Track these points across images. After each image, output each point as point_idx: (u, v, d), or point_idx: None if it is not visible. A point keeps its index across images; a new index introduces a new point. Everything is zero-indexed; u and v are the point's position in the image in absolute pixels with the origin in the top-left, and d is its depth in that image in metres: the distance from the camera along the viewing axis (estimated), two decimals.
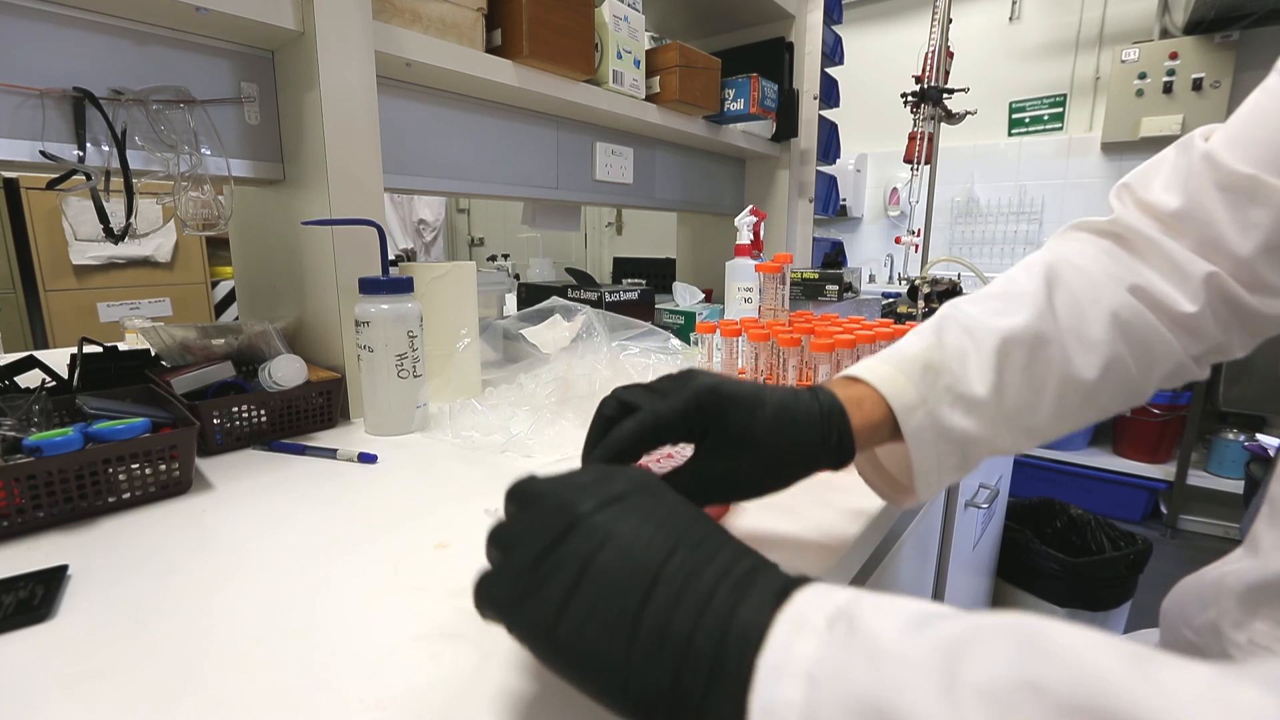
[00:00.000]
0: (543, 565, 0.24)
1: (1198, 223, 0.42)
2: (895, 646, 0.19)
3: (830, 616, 0.21)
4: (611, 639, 0.22)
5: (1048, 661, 0.17)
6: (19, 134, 0.58)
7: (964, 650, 0.18)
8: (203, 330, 0.71)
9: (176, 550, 0.43)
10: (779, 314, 0.86)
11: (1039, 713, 0.16)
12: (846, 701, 0.19)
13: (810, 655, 0.20)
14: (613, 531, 0.25)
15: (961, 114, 1.94)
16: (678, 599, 0.23)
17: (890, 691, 0.18)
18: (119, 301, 2.38)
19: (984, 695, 0.17)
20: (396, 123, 0.84)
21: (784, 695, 0.20)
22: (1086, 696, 0.16)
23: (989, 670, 0.17)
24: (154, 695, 0.30)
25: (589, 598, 0.23)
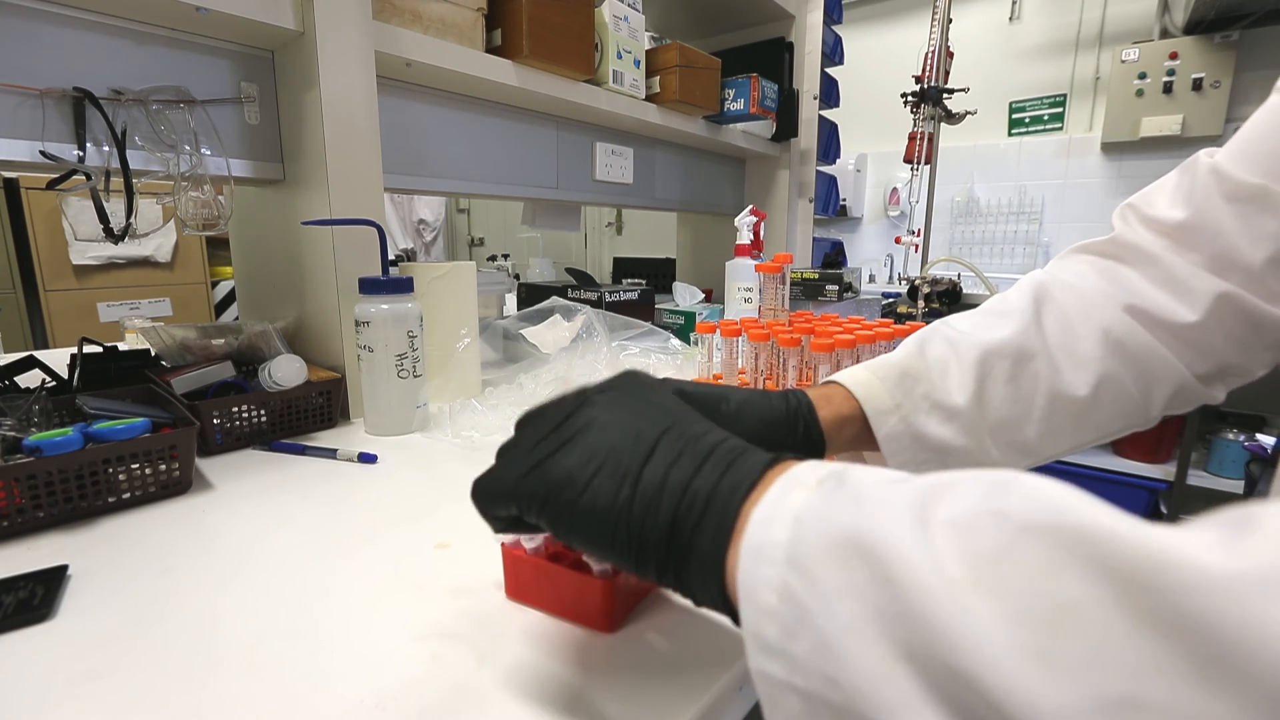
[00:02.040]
0: (554, 435, 0.27)
1: (1207, 235, 0.41)
2: (876, 492, 0.21)
3: (821, 477, 0.23)
4: (616, 492, 0.25)
5: (1011, 496, 0.18)
6: (19, 134, 0.58)
7: (938, 493, 0.20)
8: (203, 330, 0.71)
9: (176, 550, 0.43)
10: (779, 314, 0.86)
11: (999, 533, 0.18)
12: (827, 536, 0.20)
13: (799, 503, 0.22)
14: (616, 407, 0.28)
15: (961, 114, 1.94)
16: (677, 458, 0.25)
17: (868, 524, 0.20)
18: (119, 301, 2.38)
19: (951, 524, 0.19)
20: (396, 123, 0.84)
21: (771, 536, 0.21)
22: (1045, 518, 0.17)
23: (958, 505, 0.19)
24: (154, 695, 0.30)
25: (595, 458, 0.26)
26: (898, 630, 0.18)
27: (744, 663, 0.32)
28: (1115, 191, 2.73)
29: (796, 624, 0.20)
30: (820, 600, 0.20)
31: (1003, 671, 0.16)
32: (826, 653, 0.19)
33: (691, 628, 0.35)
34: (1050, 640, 0.16)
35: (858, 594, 0.19)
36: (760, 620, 0.21)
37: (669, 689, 0.30)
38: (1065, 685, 0.15)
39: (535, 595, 0.36)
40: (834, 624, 0.19)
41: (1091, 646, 0.15)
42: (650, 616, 0.35)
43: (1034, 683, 0.15)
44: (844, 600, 0.19)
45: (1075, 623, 0.16)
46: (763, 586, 0.21)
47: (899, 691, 0.18)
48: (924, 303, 1.49)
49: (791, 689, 0.20)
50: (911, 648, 0.18)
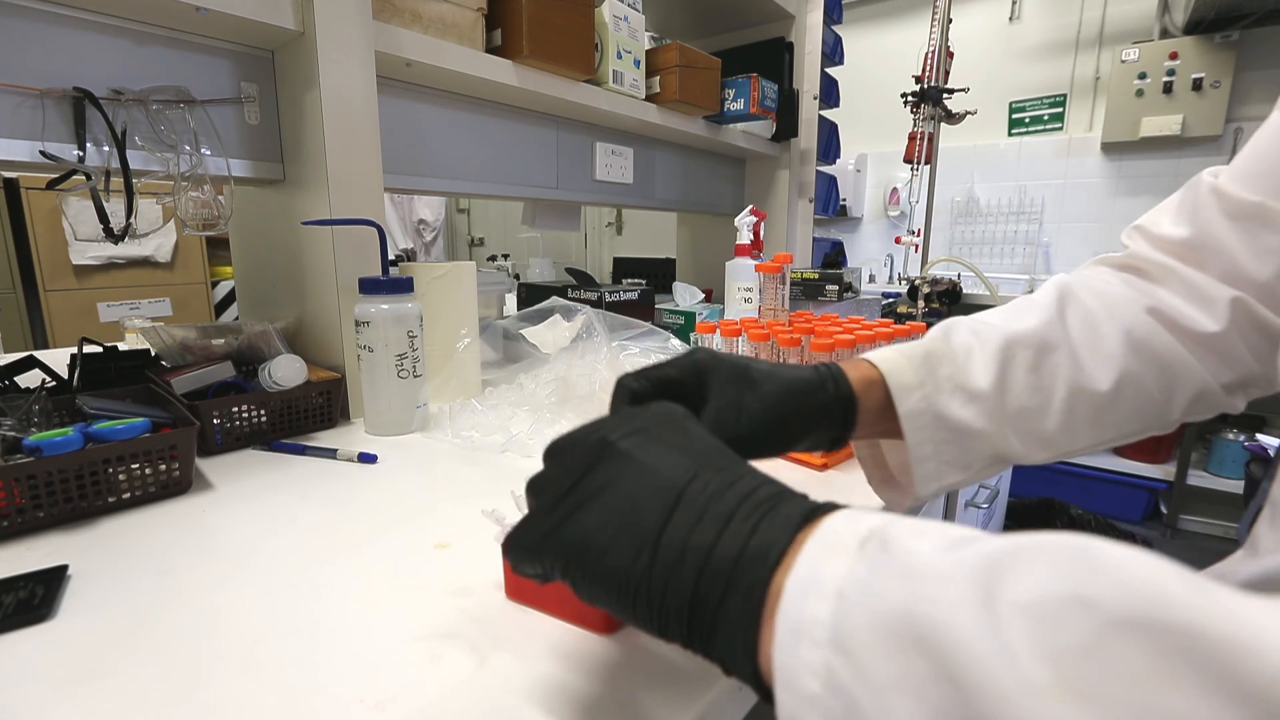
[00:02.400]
0: (572, 494, 0.25)
1: (1211, 252, 0.42)
2: (931, 562, 0.18)
3: (862, 537, 0.20)
4: (634, 559, 0.23)
5: (1097, 576, 0.16)
6: (19, 134, 0.58)
7: (1005, 566, 0.17)
8: (203, 330, 0.71)
9: (176, 550, 0.43)
10: (779, 314, 0.86)
11: (1088, 627, 0.15)
12: (878, 617, 0.18)
13: (841, 574, 0.19)
14: (637, 457, 0.25)
15: (961, 114, 1.94)
16: (700, 517, 0.23)
17: (925, 605, 0.17)
18: (119, 301, 2.38)
19: (1026, 610, 0.16)
20: (396, 123, 0.84)
21: (812, 613, 0.19)
22: (1142, 610, 0.15)
23: (1032, 585, 0.16)
24: (154, 695, 0.30)
25: (612, 520, 0.24)
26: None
27: None
28: (1115, 191, 2.73)
29: (845, 716, 0.18)
30: (872, 694, 0.17)
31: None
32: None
33: None
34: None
35: (916, 692, 0.17)
36: (801, 708, 0.19)
37: (669, 690, 0.30)
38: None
39: (534, 596, 0.36)
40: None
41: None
42: None
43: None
44: (900, 697, 0.17)
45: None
46: (804, 670, 0.19)
47: None
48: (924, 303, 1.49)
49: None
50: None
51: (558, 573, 0.25)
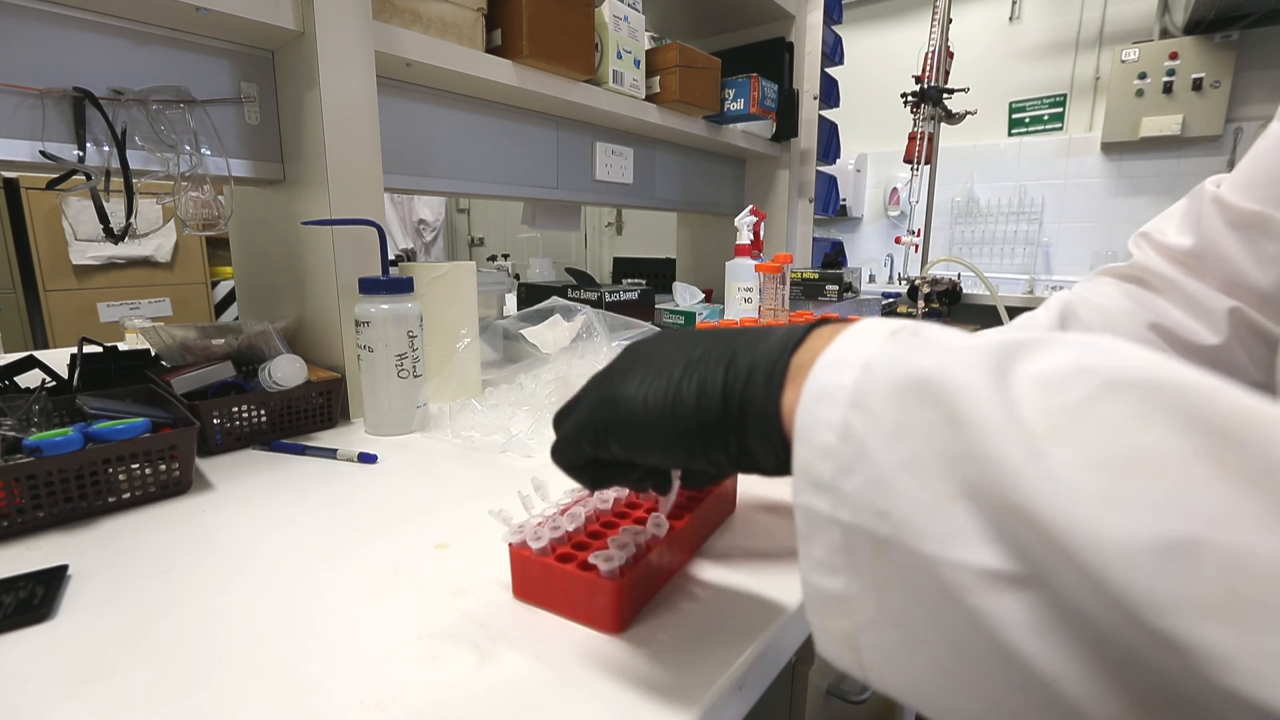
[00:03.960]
0: (607, 378, 0.30)
1: (1214, 260, 0.43)
2: (955, 341, 0.20)
3: (894, 329, 0.22)
4: (667, 390, 0.27)
5: (1107, 354, 0.18)
6: (19, 134, 0.58)
7: (1027, 347, 0.19)
8: (203, 330, 0.71)
9: (176, 550, 0.43)
10: (779, 314, 0.86)
11: (1086, 386, 0.17)
12: (899, 379, 0.20)
13: (871, 350, 0.21)
14: (654, 342, 0.30)
15: (961, 114, 1.94)
16: (712, 347, 0.27)
17: (945, 369, 0.19)
18: (119, 301, 2.38)
19: (1035, 377, 0.18)
20: (396, 123, 0.84)
21: (837, 380, 0.21)
22: (1136, 373, 0.17)
23: (1046, 360, 0.18)
24: (154, 695, 0.30)
25: (645, 376, 0.28)
26: (961, 469, 0.18)
27: (745, 662, 0.32)
28: (1115, 191, 2.73)
29: (853, 461, 0.20)
30: (881, 438, 0.20)
31: (1067, 509, 0.16)
32: (880, 486, 0.19)
33: (695, 628, 0.35)
34: (1123, 484, 0.16)
35: (923, 434, 0.19)
36: (814, 459, 0.21)
37: (670, 690, 0.30)
38: (1129, 523, 0.15)
39: (542, 595, 0.36)
40: (891, 458, 0.19)
41: (1166, 492, 0.15)
42: (657, 616, 0.35)
43: (1097, 519, 0.15)
44: (906, 439, 0.19)
45: (1153, 469, 0.15)
46: (822, 426, 0.21)
47: (952, 523, 0.18)
48: (924, 303, 1.49)
49: (835, 522, 0.21)
50: (972, 485, 0.18)
51: (604, 437, 0.29)
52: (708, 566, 0.41)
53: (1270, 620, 0.14)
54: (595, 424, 0.29)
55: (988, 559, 0.17)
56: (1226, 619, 0.14)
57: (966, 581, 0.18)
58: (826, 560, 0.21)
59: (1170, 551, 0.15)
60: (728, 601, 0.37)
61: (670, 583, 0.39)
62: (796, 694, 0.47)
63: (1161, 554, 0.15)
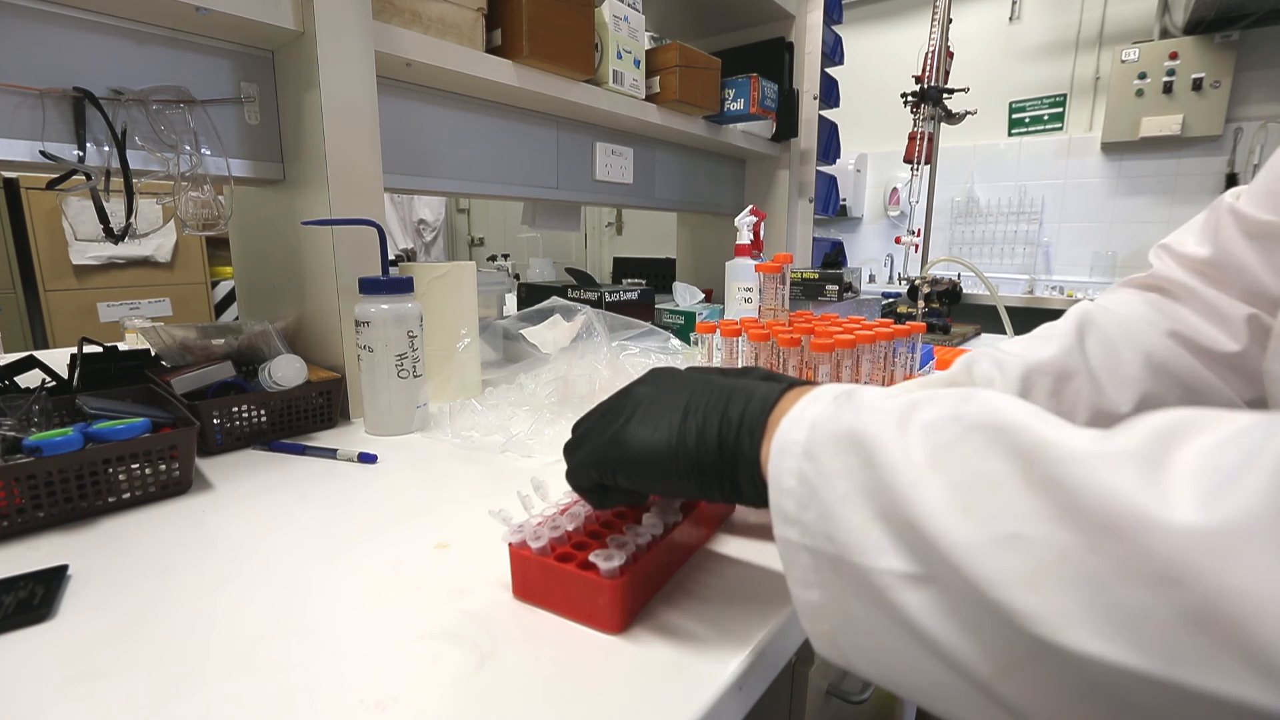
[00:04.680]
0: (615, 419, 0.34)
1: (1232, 270, 0.44)
2: (876, 404, 0.27)
3: (836, 394, 0.29)
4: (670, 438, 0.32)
5: (970, 404, 0.24)
6: (19, 134, 0.58)
7: (921, 404, 0.25)
8: (203, 330, 0.71)
9: (176, 550, 0.43)
10: (779, 314, 0.86)
11: (955, 431, 0.23)
12: (833, 434, 0.26)
13: (816, 412, 0.28)
14: (653, 386, 0.35)
15: (961, 114, 1.94)
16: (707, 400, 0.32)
17: (863, 425, 0.26)
18: (119, 301, 2.38)
19: (923, 425, 0.24)
20: (396, 123, 0.84)
21: (793, 437, 0.28)
22: (987, 419, 0.23)
23: (932, 412, 0.25)
24: (154, 695, 0.30)
25: (649, 421, 0.33)
26: (876, 499, 0.24)
27: (745, 662, 0.32)
28: (1115, 191, 2.73)
29: (808, 498, 0.26)
30: (825, 480, 0.26)
31: (938, 520, 0.22)
32: (827, 518, 0.25)
33: (695, 628, 0.35)
34: (972, 499, 0.22)
35: (851, 475, 0.25)
36: (782, 498, 0.27)
37: (670, 690, 0.30)
38: (976, 527, 0.21)
39: (542, 595, 0.36)
40: (832, 496, 0.25)
41: (998, 502, 0.21)
42: (657, 616, 0.35)
43: (956, 525, 0.21)
44: (841, 479, 0.25)
45: (990, 487, 0.21)
46: (785, 473, 0.27)
47: (874, 540, 0.24)
48: (924, 303, 1.49)
49: (804, 548, 0.26)
50: (883, 509, 0.24)
51: (615, 472, 0.34)
52: (707, 567, 0.41)
53: (1055, 585, 0.19)
54: (605, 461, 0.34)
55: (899, 564, 0.23)
56: (1034, 588, 0.19)
57: (889, 583, 0.23)
58: (803, 578, 0.27)
59: (1000, 544, 0.20)
60: (727, 601, 0.37)
61: (670, 582, 0.39)
62: (796, 694, 0.47)
63: (995, 546, 0.20)
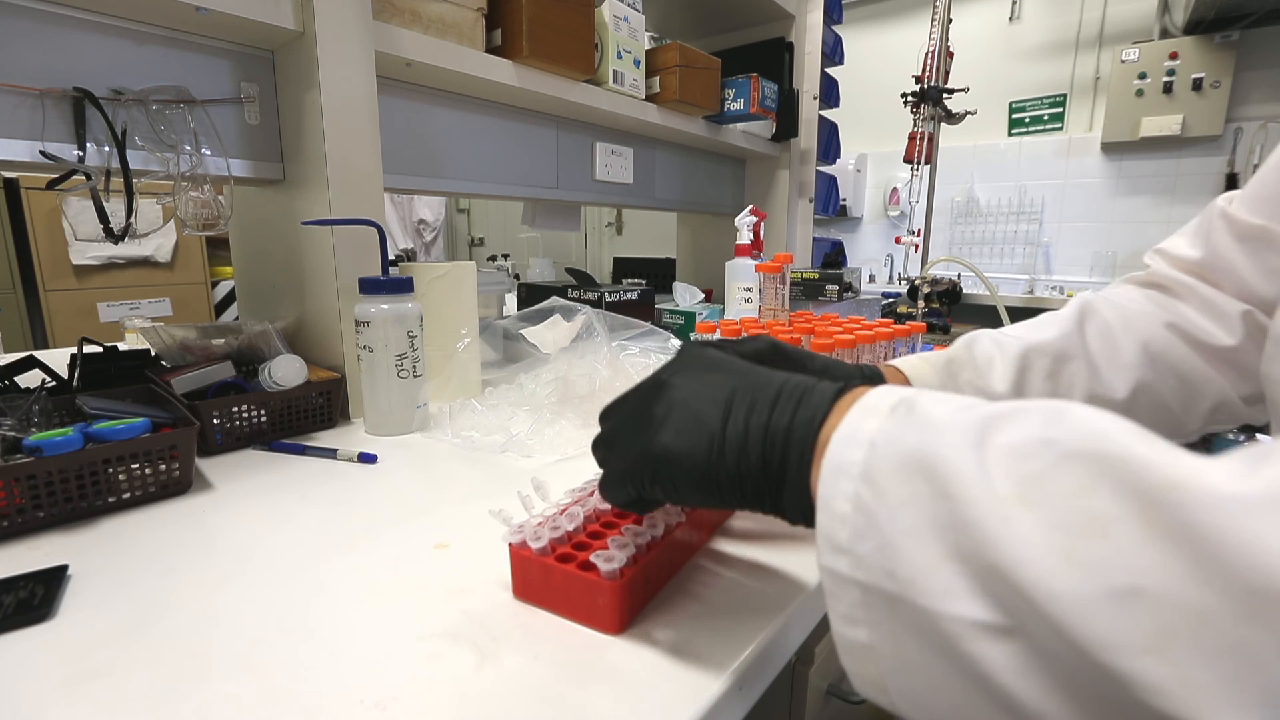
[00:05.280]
0: (647, 424, 0.31)
1: (1223, 272, 0.45)
2: (944, 419, 0.23)
3: (893, 404, 0.26)
4: (709, 453, 0.29)
5: (1063, 426, 0.21)
6: (19, 134, 0.58)
7: (999, 421, 0.22)
8: (203, 330, 0.71)
9: (176, 550, 0.43)
10: (779, 314, 0.86)
11: (1047, 458, 0.20)
12: (897, 457, 0.23)
13: (874, 428, 0.25)
14: (688, 383, 0.31)
15: (961, 114, 1.94)
16: (751, 408, 0.29)
17: (932, 447, 0.23)
18: (119, 301, 2.38)
19: (1006, 449, 0.21)
20: (396, 123, 0.84)
21: (849, 457, 0.25)
22: (1088, 445, 0.20)
23: (1015, 432, 0.22)
24: (154, 695, 0.30)
25: (684, 430, 0.30)
26: (950, 535, 0.21)
27: (745, 662, 0.32)
28: (1115, 191, 2.73)
29: (865, 528, 0.23)
30: (887, 509, 0.23)
31: (1033, 567, 0.19)
32: (888, 551, 0.23)
33: (696, 628, 0.35)
34: (1077, 544, 0.19)
35: (919, 505, 0.22)
36: (833, 525, 0.24)
37: (671, 690, 0.30)
38: (1083, 577, 0.18)
39: (542, 595, 0.36)
40: (896, 528, 0.22)
41: (1110, 550, 0.18)
42: (657, 616, 0.35)
43: (1057, 574, 0.18)
44: (907, 510, 0.22)
45: (1101, 531, 0.18)
46: (840, 498, 0.24)
47: (946, 582, 0.21)
48: (924, 303, 1.49)
49: (854, 582, 0.24)
50: (960, 548, 0.21)
51: (649, 489, 0.31)
52: (708, 567, 0.41)
53: (1190, 655, 0.16)
54: (639, 477, 0.31)
55: (977, 612, 0.20)
56: (1159, 655, 0.17)
57: (962, 631, 0.21)
58: (849, 614, 0.24)
59: (1114, 601, 0.18)
60: (728, 602, 0.37)
61: (670, 583, 0.39)
62: (796, 694, 0.47)
63: (1108, 603, 0.18)
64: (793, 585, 0.39)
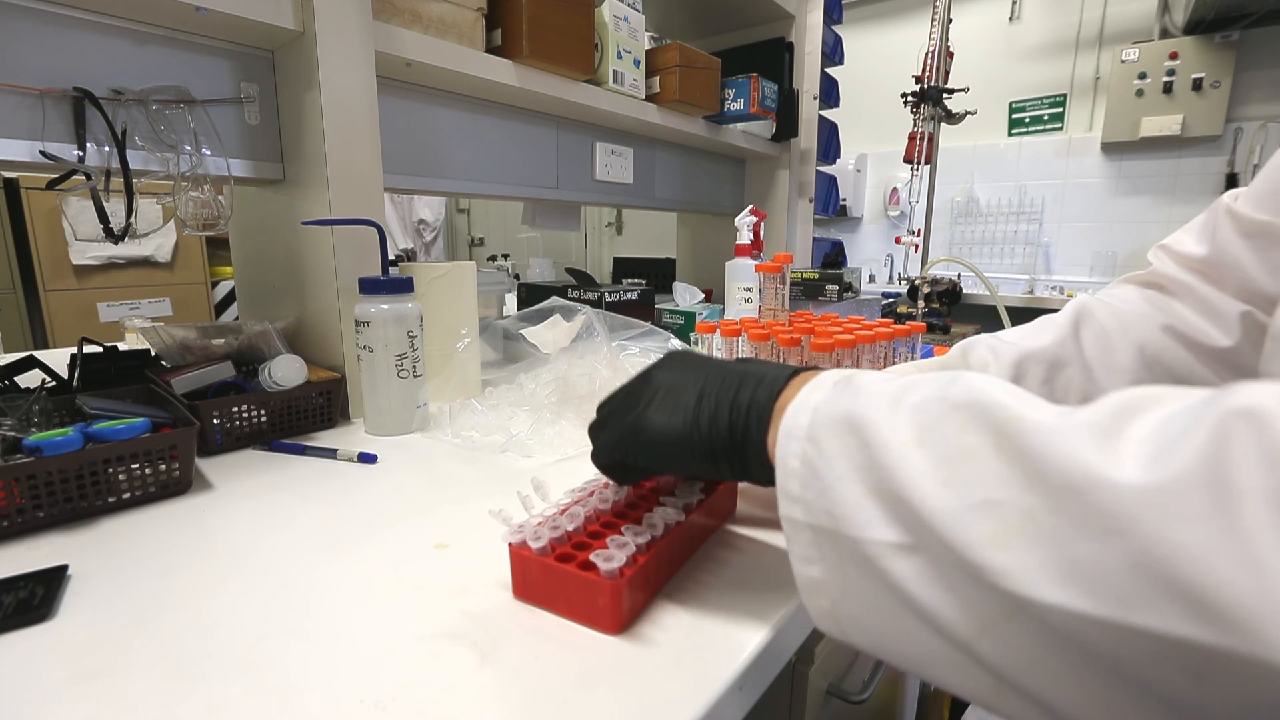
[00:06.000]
0: (636, 405, 0.37)
1: (1228, 269, 0.45)
2: (871, 387, 0.29)
3: (836, 379, 0.31)
4: (686, 424, 0.35)
5: (955, 385, 0.26)
6: (19, 134, 0.58)
7: (912, 387, 0.27)
8: (203, 330, 0.71)
9: (176, 550, 0.43)
10: (779, 314, 0.86)
11: (940, 409, 0.25)
12: (833, 417, 0.28)
13: (819, 399, 0.30)
14: (671, 372, 0.38)
15: (961, 114, 1.94)
16: (720, 387, 0.35)
17: (859, 408, 0.27)
18: (119, 301, 2.38)
19: (911, 406, 0.26)
20: (396, 123, 0.84)
21: (798, 422, 0.30)
22: (968, 399, 0.25)
23: (919, 393, 0.27)
24: (154, 695, 0.30)
25: (666, 408, 0.36)
26: (869, 475, 0.26)
27: (745, 662, 0.32)
28: (1115, 191, 2.73)
29: (810, 478, 0.28)
30: (825, 460, 0.28)
31: (925, 493, 0.24)
32: (827, 495, 0.27)
33: (695, 628, 0.35)
34: (953, 471, 0.24)
35: (848, 455, 0.27)
36: (787, 479, 0.29)
37: (671, 690, 0.30)
38: (955, 495, 0.23)
39: (542, 595, 0.36)
40: (831, 474, 0.27)
41: (975, 472, 0.23)
42: (657, 616, 0.35)
43: (939, 496, 0.23)
44: (839, 459, 0.27)
45: (969, 459, 0.23)
46: (791, 456, 0.29)
47: (867, 514, 0.26)
48: (924, 303, 1.49)
49: (805, 525, 0.28)
50: (876, 485, 0.26)
51: (635, 456, 0.37)
52: (708, 567, 0.41)
53: (1023, 544, 0.21)
54: (626, 445, 0.37)
55: (890, 535, 0.25)
56: (1003, 547, 0.21)
57: (880, 552, 0.25)
58: (805, 554, 0.29)
59: (975, 510, 0.22)
60: (727, 601, 0.37)
61: (670, 582, 0.39)
62: (796, 694, 0.47)
63: (971, 512, 0.22)
64: (793, 586, 0.39)
